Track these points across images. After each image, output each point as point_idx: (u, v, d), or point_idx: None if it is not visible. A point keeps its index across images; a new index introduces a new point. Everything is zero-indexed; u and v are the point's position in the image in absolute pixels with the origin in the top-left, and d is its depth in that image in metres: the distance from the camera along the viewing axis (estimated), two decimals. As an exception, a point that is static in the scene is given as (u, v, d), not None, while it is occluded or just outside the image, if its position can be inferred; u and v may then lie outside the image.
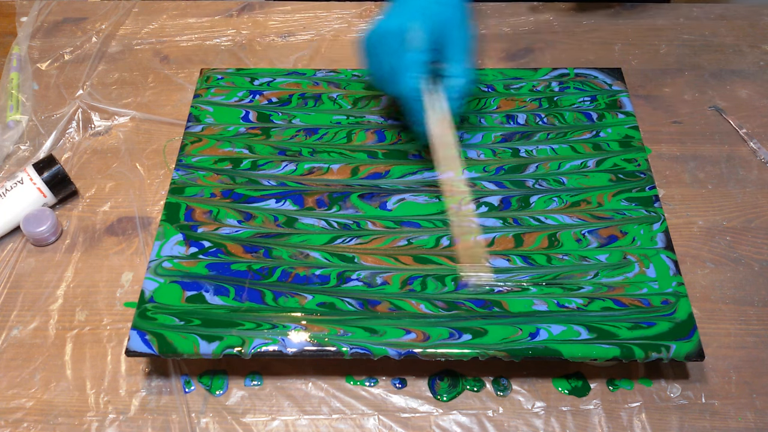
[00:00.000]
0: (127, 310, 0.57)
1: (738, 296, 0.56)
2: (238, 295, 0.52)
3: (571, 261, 0.54)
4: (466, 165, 0.60)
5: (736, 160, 0.65)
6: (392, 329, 0.50)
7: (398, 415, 0.51)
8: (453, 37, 0.55)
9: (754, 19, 0.78)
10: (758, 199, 0.62)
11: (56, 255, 0.60)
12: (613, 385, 0.52)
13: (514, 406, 0.51)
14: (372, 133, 0.63)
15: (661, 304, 0.51)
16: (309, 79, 0.68)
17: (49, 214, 0.60)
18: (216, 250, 0.55)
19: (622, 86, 0.67)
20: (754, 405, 0.51)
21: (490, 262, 0.54)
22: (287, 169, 0.61)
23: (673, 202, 0.62)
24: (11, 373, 0.54)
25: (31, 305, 0.57)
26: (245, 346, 0.50)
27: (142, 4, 0.82)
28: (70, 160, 0.67)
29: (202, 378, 0.53)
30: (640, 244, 0.55)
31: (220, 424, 0.51)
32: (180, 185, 0.60)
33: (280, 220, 0.57)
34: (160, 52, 0.77)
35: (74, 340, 0.55)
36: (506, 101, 0.66)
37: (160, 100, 0.72)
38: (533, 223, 0.57)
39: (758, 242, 0.60)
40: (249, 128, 0.64)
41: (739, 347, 0.54)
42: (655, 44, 0.76)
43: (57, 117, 0.70)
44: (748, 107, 0.70)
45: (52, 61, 0.76)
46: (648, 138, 0.67)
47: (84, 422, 0.51)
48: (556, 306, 0.51)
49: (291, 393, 0.52)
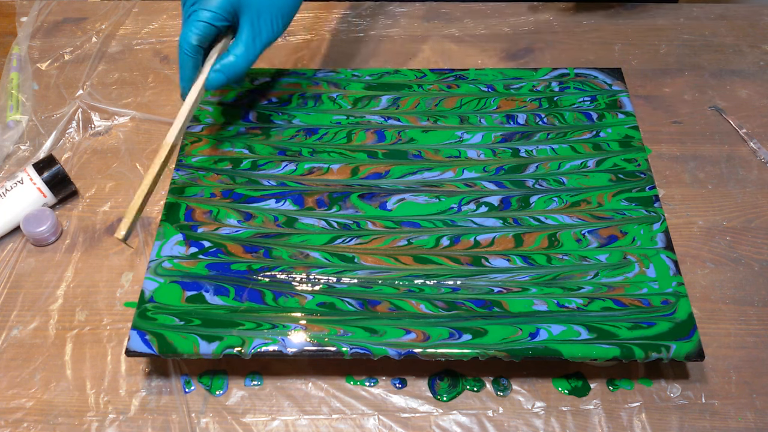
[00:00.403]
0: (127, 310, 0.57)
1: (738, 296, 0.56)
2: (238, 295, 0.52)
3: (571, 261, 0.54)
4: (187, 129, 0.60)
5: (736, 160, 0.65)
6: (392, 329, 0.50)
7: (398, 415, 0.51)
8: (246, 18, 0.57)
9: (754, 19, 0.78)
10: (758, 199, 0.62)
11: (56, 255, 0.60)
12: (613, 385, 0.52)
13: (514, 406, 0.51)
14: (372, 133, 0.63)
15: (661, 304, 0.51)
16: (309, 79, 0.68)
17: (49, 214, 0.60)
18: (216, 250, 0.55)
19: (622, 86, 0.67)
20: (754, 405, 0.51)
21: (491, 261, 0.54)
22: (287, 169, 0.61)
23: (673, 202, 0.62)
24: (11, 373, 0.54)
25: (31, 305, 0.57)
26: (245, 346, 0.50)
27: (142, 4, 0.82)
28: (70, 160, 0.67)
29: (202, 378, 0.53)
30: (640, 244, 0.55)
31: (220, 424, 0.51)
32: (180, 185, 0.60)
33: (280, 220, 0.57)
34: (160, 52, 0.77)
35: (74, 340, 0.55)
36: (506, 101, 0.66)
37: (160, 100, 0.72)
38: (533, 223, 0.57)
39: (758, 242, 0.60)
40: (249, 128, 0.64)
41: (739, 347, 0.54)
42: (655, 44, 0.76)
43: (57, 117, 0.70)
44: (748, 107, 0.70)
45: (52, 61, 0.76)
46: (648, 138, 0.67)
47: (84, 422, 0.51)
48: (556, 306, 0.51)
49: (291, 393, 0.52)
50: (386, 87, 0.67)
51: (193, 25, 0.56)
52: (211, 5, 0.55)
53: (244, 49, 0.57)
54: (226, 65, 0.57)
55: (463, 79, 0.68)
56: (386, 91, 0.67)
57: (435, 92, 0.66)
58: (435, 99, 0.66)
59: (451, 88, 0.67)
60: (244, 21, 0.57)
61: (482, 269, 0.54)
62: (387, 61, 0.75)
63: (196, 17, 0.56)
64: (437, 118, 0.64)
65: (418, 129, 0.63)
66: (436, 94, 0.66)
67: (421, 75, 0.68)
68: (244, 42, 0.57)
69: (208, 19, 0.55)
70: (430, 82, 0.67)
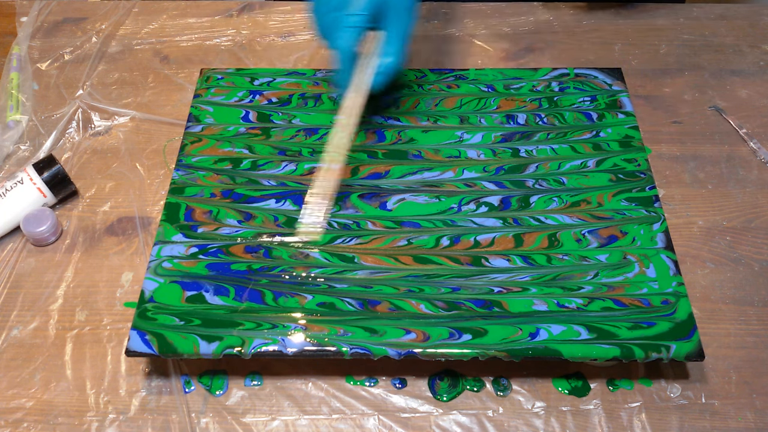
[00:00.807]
0: (127, 310, 0.57)
1: (738, 296, 0.56)
2: (238, 295, 0.52)
3: (571, 261, 0.54)
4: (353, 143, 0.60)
5: (736, 160, 0.65)
6: (392, 329, 0.50)
7: (398, 415, 0.51)
8: (392, 16, 0.57)
9: (754, 19, 0.78)
10: (758, 199, 0.62)
11: (56, 255, 0.60)
12: (613, 385, 0.52)
13: (514, 406, 0.51)
14: (372, 133, 0.63)
15: (661, 304, 0.51)
16: (309, 79, 0.68)
17: (49, 214, 0.60)
18: (216, 250, 0.55)
19: (622, 86, 0.67)
20: (754, 405, 0.51)
21: (491, 261, 0.54)
22: (287, 169, 0.61)
23: (673, 202, 0.62)
24: (11, 373, 0.54)
25: (31, 305, 0.57)
26: (245, 346, 0.50)
27: (142, 4, 0.82)
28: (70, 160, 0.67)
29: (202, 378, 0.53)
30: (640, 244, 0.55)
31: (220, 424, 0.51)
32: (180, 185, 0.60)
33: (280, 220, 0.57)
34: (160, 52, 0.77)
35: (74, 340, 0.55)
36: (506, 101, 0.66)
37: (160, 100, 0.72)
38: (533, 223, 0.57)
39: (758, 242, 0.60)
40: (249, 128, 0.64)
41: (739, 347, 0.54)
42: (655, 44, 0.76)
43: (57, 117, 0.70)
44: (748, 107, 0.70)
45: (52, 61, 0.76)
46: (648, 138, 0.67)
47: (84, 422, 0.51)
48: (556, 306, 0.51)
49: (291, 393, 0.52)
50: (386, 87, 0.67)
51: (347, 33, 0.55)
52: (359, 8, 0.55)
53: (398, 46, 0.57)
54: (388, 66, 0.57)
55: (463, 79, 0.68)
56: (386, 91, 0.67)
57: (435, 92, 0.67)
58: (435, 99, 0.66)
59: (451, 88, 0.67)
60: (391, 19, 0.57)
61: (482, 269, 0.54)
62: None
63: (348, 23, 0.55)
64: (437, 118, 0.64)
65: (418, 129, 0.63)
66: (436, 94, 0.66)
67: (421, 75, 0.68)
68: (395, 40, 0.57)
69: (360, 23, 0.55)
70: (430, 82, 0.67)
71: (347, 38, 0.56)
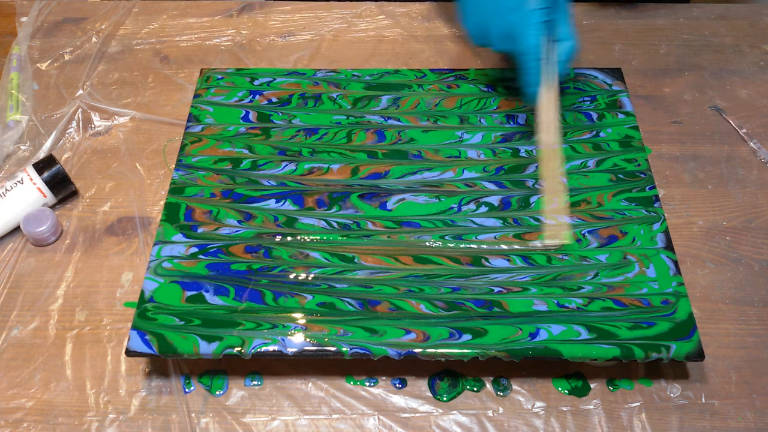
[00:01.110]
0: (127, 310, 0.57)
1: (738, 296, 0.56)
2: (238, 295, 0.52)
3: (571, 261, 0.54)
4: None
5: (736, 160, 0.65)
6: (392, 329, 0.50)
7: (398, 415, 0.51)
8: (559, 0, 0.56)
9: (754, 19, 0.78)
10: (758, 199, 0.62)
11: (56, 255, 0.60)
12: (613, 385, 0.52)
13: (514, 406, 0.51)
14: (372, 133, 0.63)
15: (661, 304, 0.51)
16: (309, 79, 0.68)
17: (49, 214, 0.60)
18: (216, 250, 0.55)
19: (622, 86, 0.67)
20: (754, 405, 0.51)
21: (491, 262, 0.54)
22: (287, 169, 0.61)
23: (673, 202, 0.62)
24: (11, 373, 0.54)
25: (31, 305, 0.57)
26: (245, 346, 0.50)
27: (142, 4, 0.82)
28: (70, 160, 0.67)
29: (202, 378, 0.53)
30: (640, 244, 0.55)
31: (220, 424, 0.51)
32: (180, 185, 0.60)
33: (280, 220, 0.57)
34: (160, 52, 0.77)
35: (74, 340, 0.55)
36: (506, 101, 0.66)
37: (160, 100, 0.72)
38: (533, 223, 0.57)
39: (758, 242, 0.60)
40: (249, 128, 0.64)
41: (739, 347, 0.54)
42: (655, 44, 0.76)
43: (57, 117, 0.70)
44: (748, 107, 0.70)
45: (52, 61, 0.76)
46: (648, 138, 0.67)
47: (84, 422, 0.51)
48: (556, 306, 0.51)
49: (291, 393, 0.52)
50: (386, 87, 0.67)
51: (534, 30, 0.55)
52: (539, 2, 0.54)
53: (570, 28, 0.57)
54: (569, 51, 0.57)
55: (463, 79, 0.68)
56: (386, 91, 0.67)
57: (435, 92, 0.67)
58: (435, 99, 0.66)
59: (451, 88, 0.67)
60: (558, 3, 0.56)
61: (482, 269, 0.54)
62: (387, 61, 0.75)
63: (534, 20, 0.54)
64: (437, 118, 0.64)
65: (418, 129, 0.63)
66: (436, 93, 0.66)
67: (421, 75, 0.68)
68: (566, 22, 0.57)
69: (545, 17, 0.55)
70: (430, 82, 0.67)
71: (536, 35, 0.54)
